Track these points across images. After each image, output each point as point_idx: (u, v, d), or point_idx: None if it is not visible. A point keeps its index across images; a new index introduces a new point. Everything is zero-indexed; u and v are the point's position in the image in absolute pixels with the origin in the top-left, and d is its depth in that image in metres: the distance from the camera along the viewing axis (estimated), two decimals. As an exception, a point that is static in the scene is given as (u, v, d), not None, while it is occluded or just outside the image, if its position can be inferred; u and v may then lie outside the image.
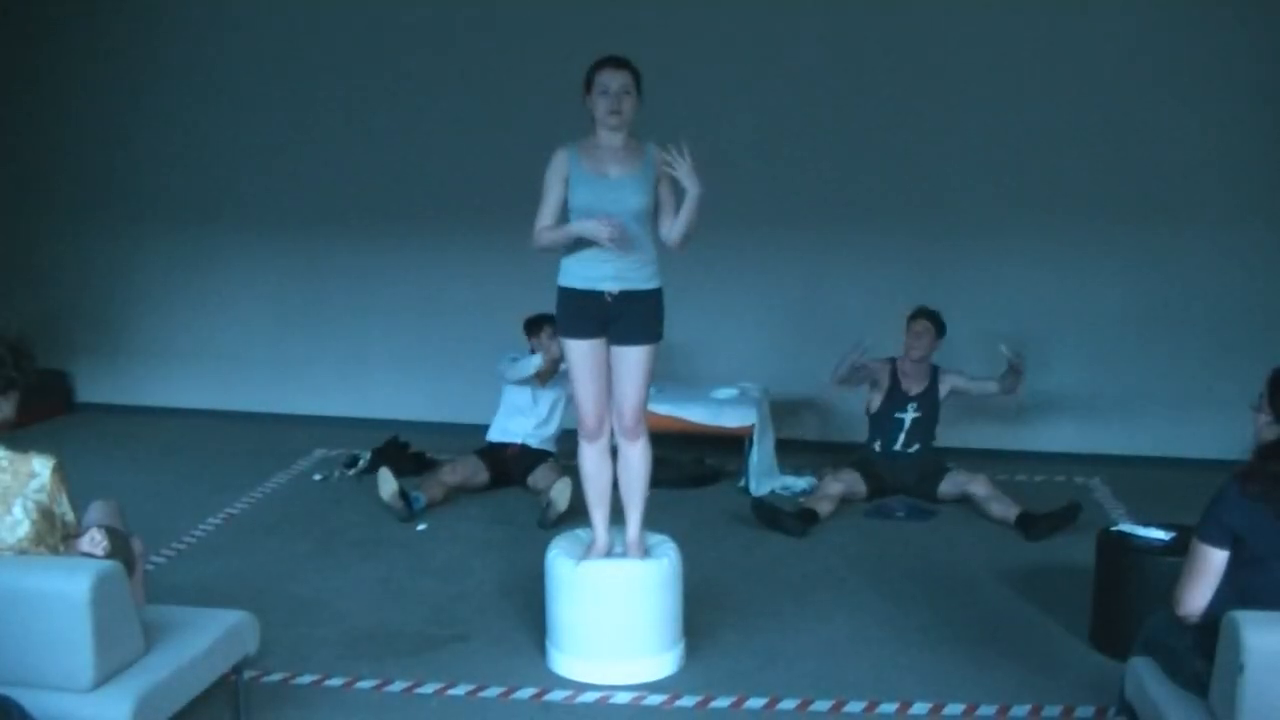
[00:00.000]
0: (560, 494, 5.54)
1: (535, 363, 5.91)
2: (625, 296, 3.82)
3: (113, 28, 7.85)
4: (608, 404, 3.95)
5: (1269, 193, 6.64)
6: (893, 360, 6.07)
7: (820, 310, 6.95)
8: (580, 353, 3.88)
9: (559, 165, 3.83)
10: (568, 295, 3.87)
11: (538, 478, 5.94)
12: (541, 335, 5.95)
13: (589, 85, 3.82)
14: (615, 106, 3.76)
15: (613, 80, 3.77)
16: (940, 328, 5.98)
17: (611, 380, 3.92)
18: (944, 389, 6.02)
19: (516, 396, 6.13)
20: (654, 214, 3.88)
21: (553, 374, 6.02)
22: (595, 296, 3.81)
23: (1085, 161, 6.79)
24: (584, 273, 3.82)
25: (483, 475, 6.06)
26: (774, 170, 7.04)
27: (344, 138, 7.61)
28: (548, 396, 6.13)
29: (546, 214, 3.85)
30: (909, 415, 5.98)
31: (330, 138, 7.62)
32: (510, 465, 6.10)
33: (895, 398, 6.00)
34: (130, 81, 7.88)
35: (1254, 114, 6.62)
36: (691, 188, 3.74)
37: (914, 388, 6.00)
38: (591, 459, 4.00)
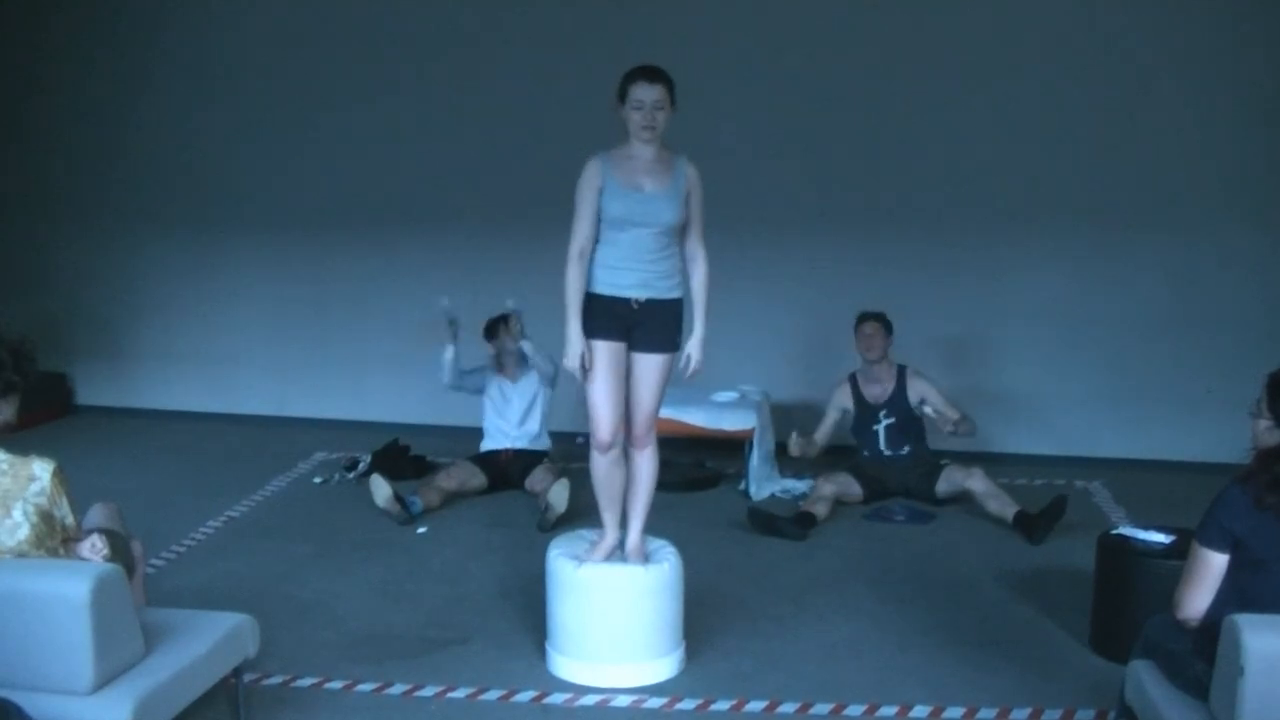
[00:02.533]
0: (558, 497, 5.55)
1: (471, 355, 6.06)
2: (650, 304, 3.85)
3: (113, 32, 7.86)
4: (622, 414, 3.96)
5: (1269, 197, 6.64)
6: (851, 375, 6.07)
7: (821, 314, 6.94)
8: (603, 353, 3.88)
9: (592, 177, 3.80)
10: (594, 300, 3.88)
11: (535, 480, 5.94)
12: (499, 335, 6.08)
13: (622, 97, 3.79)
14: (649, 122, 3.75)
15: (647, 95, 3.74)
16: (888, 327, 5.96)
17: (628, 388, 3.94)
18: (914, 395, 5.93)
19: (489, 400, 6.17)
20: (683, 228, 3.90)
21: (518, 364, 6.08)
22: (622, 303, 3.84)
23: (1086, 166, 6.79)
24: (611, 280, 3.84)
25: (479, 479, 6.06)
26: (776, 173, 7.04)
27: (344, 142, 7.61)
28: (520, 391, 6.13)
29: (585, 227, 3.80)
30: (882, 424, 5.95)
31: (330, 142, 7.63)
32: (506, 469, 6.11)
33: (864, 411, 5.99)
34: (130, 85, 7.90)
35: (1256, 119, 6.62)
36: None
37: (879, 394, 5.95)
38: (603, 466, 3.99)
